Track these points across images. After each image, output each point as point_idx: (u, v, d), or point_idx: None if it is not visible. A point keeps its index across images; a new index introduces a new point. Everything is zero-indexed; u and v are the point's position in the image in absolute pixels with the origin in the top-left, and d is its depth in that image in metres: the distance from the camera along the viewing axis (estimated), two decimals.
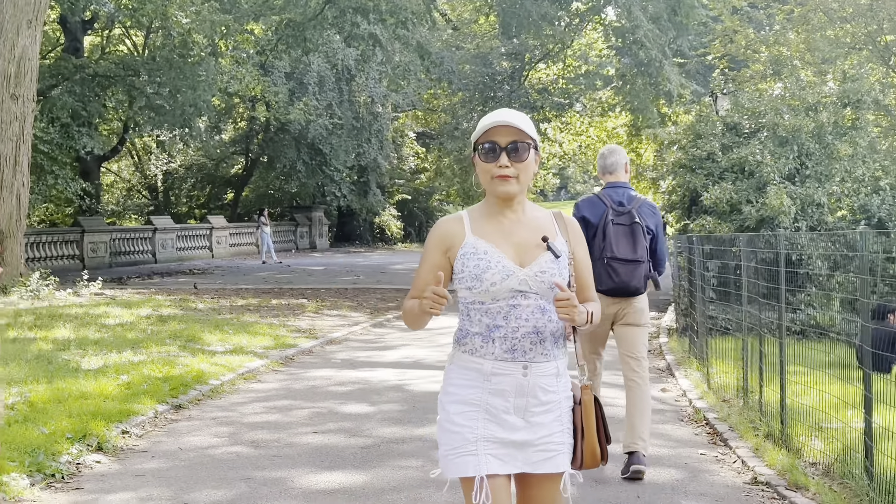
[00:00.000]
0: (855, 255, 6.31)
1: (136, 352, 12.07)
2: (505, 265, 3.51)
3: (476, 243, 3.56)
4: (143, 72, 32.84)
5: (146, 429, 8.48)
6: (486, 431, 3.51)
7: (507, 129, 3.54)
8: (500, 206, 3.61)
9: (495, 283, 3.49)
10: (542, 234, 3.58)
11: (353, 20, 32.92)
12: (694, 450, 7.93)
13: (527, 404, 3.52)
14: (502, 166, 3.52)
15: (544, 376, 3.54)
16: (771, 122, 17.23)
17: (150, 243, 36.33)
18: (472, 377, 3.54)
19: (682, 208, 18.68)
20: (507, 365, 3.51)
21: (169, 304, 18.52)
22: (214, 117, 42.49)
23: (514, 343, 3.51)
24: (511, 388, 3.51)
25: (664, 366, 12.67)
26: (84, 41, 39.00)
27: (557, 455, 3.56)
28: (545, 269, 3.52)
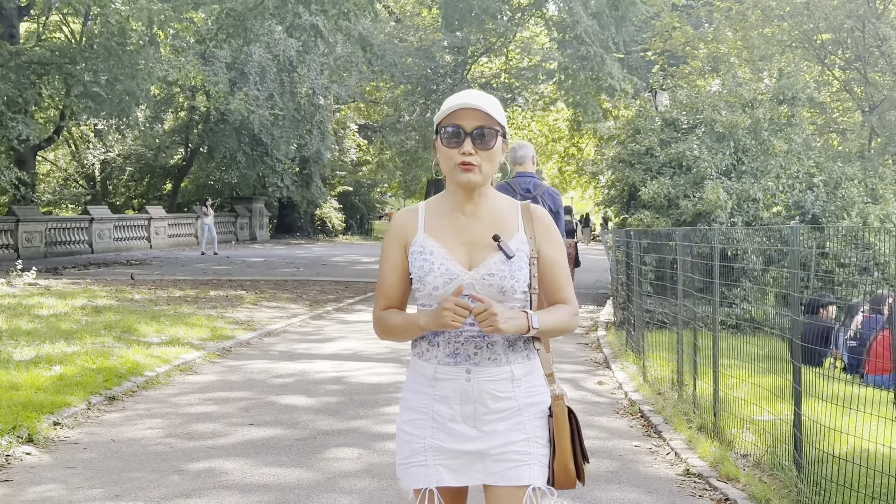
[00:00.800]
0: (788, 250, 6.39)
1: (69, 343, 11.91)
2: (449, 268, 3.23)
3: (424, 242, 3.30)
4: (80, 59, 32.34)
5: (79, 420, 8.38)
6: (434, 441, 3.27)
7: (474, 113, 3.22)
8: (460, 196, 3.30)
9: (437, 288, 3.22)
10: (496, 232, 3.26)
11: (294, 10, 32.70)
12: (628, 441, 8.00)
13: (475, 412, 3.24)
14: (466, 153, 3.20)
15: (493, 381, 3.23)
16: (708, 119, 17.41)
17: (86, 233, 35.86)
18: (420, 382, 3.32)
19: (620, 203, 18.83)
20: (449, 369, 3.24)
21: (105, 295, 18.30)
22: (154, 107, 42.02)
23: (456, 347, 3.23)
24: (455, 394, 3.24)
25: (601, 359, 12.77)
26: (20, 27, 38.36)
27: (521, 466, 3.23)
28: (494, 271, 3.21)
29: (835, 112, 24.24)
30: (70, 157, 52.36)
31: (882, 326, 9.87)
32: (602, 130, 20.03)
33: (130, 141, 48.35)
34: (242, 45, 35.37)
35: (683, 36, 21.80)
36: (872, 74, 22.09)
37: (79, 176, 52.16)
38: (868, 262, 15.16)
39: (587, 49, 37.10)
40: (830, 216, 16.11)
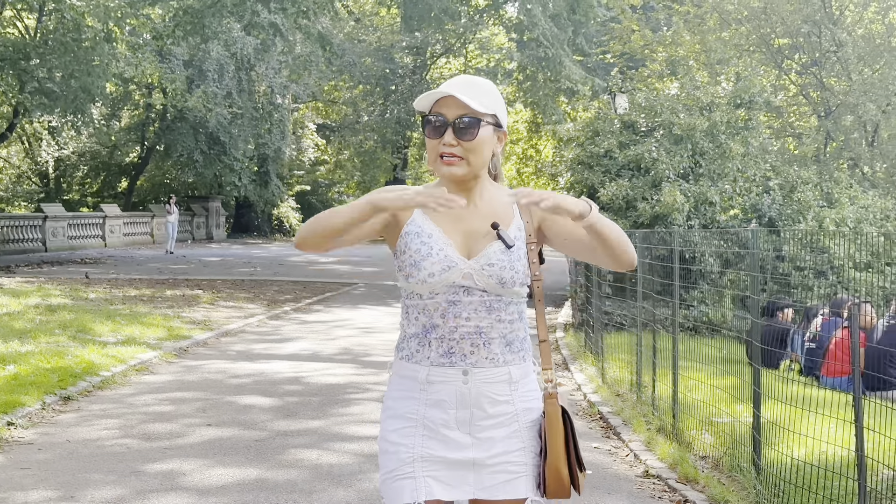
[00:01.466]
0: (746, 253, 6.43)
1: (23, 342, 11.75)
2: (448, 254, 2.98)
3: (423, 222, 3.04)
4: (34, 55, 31.96)
5: (33, 420, 8.26)
6: (425, 450, 2.99)
7: (454, 102, 2.98)
8: (452, 188, 3.04)
9: (433, 275, 2.96)
10: (494, 221, 3.03)
11: (253, 8, 32.52)
12: (587, 443, 8.01)
13: (471, 417, 2.99)
14: (448, 144, 2.96)
15: (492, 383, 2.97)
16: (667, 121, 17.51)
17: (40, 231, 35.41)
18: (409, 387, 3.03)
19: None
20: (444, 371, 2.98)
21: (59, 294, 18.09)
22: (109, 104, 41.62)
23: (451, 345, 2.98)
24: (451, 397, 2.98)
25: (559, 360, 12.80)
26: None
27: (517, 478, 3.00)
28: (494, 261, 2.98)
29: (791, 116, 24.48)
30: (23, 153, 51.74)
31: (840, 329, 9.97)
32: (561, 132, 20.06)
33: (85, 138, 47.84)
34: (200, 42, 35.16)
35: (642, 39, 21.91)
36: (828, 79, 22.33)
37: (32, 173, 51.55)
38: (824, 266, 15.35)
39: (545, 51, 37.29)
40: (787, 220, 16.26)
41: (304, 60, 40.62)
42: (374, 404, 9.34)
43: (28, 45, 32.83)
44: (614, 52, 23.15)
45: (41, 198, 46.13)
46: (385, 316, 17.51)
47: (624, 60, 23.02)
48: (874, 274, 14.17)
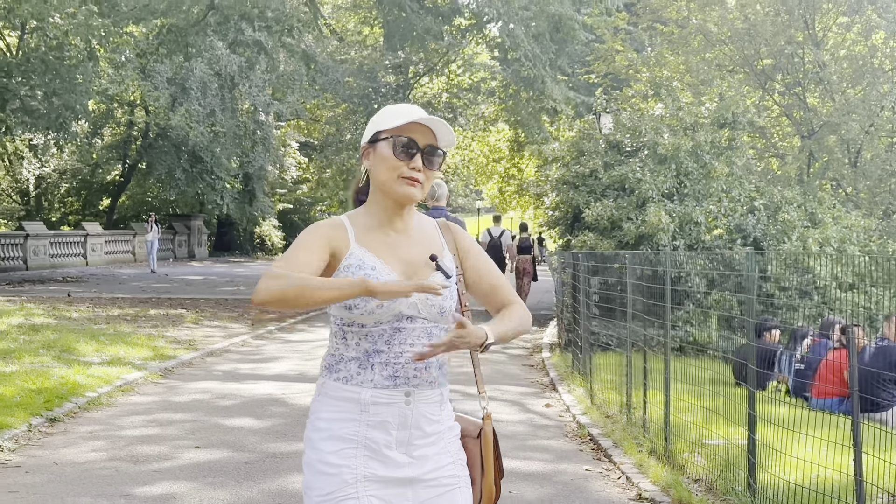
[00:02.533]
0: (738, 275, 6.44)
1: (6, 362, 11.65)
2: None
3: (363, 256, 3.08)
4: (16, 73, 31.84)
5: (20, 442, 8.18)
6: (367, 470, 3.04)
7: (427, 131, 3.11)
8: (390, 212, 3.14)
9: (381, 305, 3.00)
10: (431, 252, 3.15)
11: (237, 27, 32.53)
12: (578, 465, 7.99)
13: (410, 437, 3.08)
14: (415, 168, 3.06)
15: (428, 404, 3.10)
16: (651, 141, 17.57)
17: (21, 249, 35.20)
18: (348, 409, 3.07)
19: (564, 224, 18.91)
20: (388, 393, 3.05)
21: (41, 313, 17.96)
22: (92, 121, 41.46)
23: (396, 369, 3.05)
24: (394, 418, 3.06)
25: (547, 381, 12.77)
26: None
27: (452, 490, 3.13)
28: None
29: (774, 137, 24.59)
30: (3, 171, 51.50)
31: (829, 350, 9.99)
32: (546, 152, 20.09)
33: (67, 156, 47.67)
34: (184, 60, 35.10)
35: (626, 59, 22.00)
36: (811, 100, 22.45)
37: (12, 191, 51.28)
38: (808, 286, 15.39)
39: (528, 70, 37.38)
40: (771, 240, 16.30)
41: (287, 79, 40.57)
42: None
43: (10, 63, 32.71)
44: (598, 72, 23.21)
45: (22, 216, 45.90)
46: None
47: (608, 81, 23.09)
48: (859, 293, 14.22)
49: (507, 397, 11.39)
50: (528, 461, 8.09)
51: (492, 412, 3.24)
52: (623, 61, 22.09)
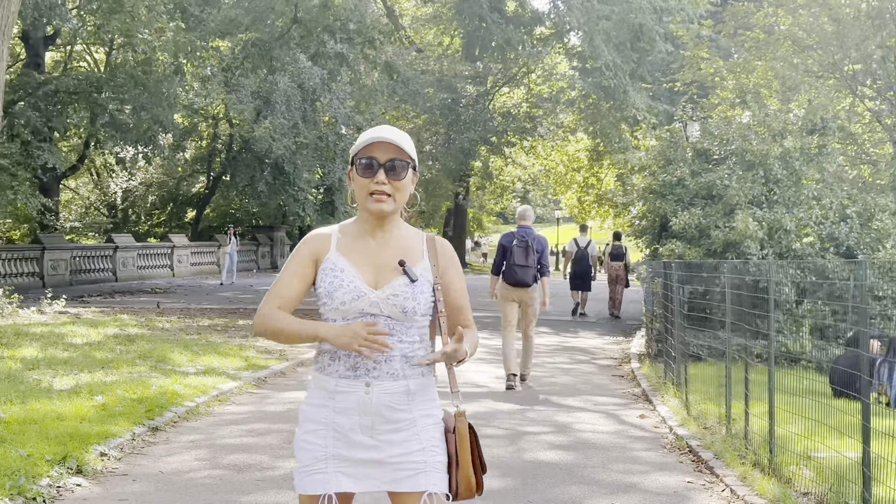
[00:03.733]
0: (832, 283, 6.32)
1: (107, 372, 11.87)
2: (357, 286, 3.49)
3: (336, 260, 3.55)
4: (105, 88, 32.52)
5: (125, 451, 8.32)
6: (335, 450, 3.48)
7: (387, 146, 3.50)
8: (371, 223, 3.58)
9: (345, 303, 3.48)
10: (402, 258, 3.54)
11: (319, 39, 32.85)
12: (680, 478, 7.90)
13: (372, 423, 3.47)
14: (379, 182, 3.48)
15: (391, 395, 3.47)
16: (739, 149, 17.36)
17: (110, 261, 35.90)
18: (321, 396, 3.53)
19: (651, 233, 18.76)
20: (349, 383, 3.48)
21: (134, 324, 18.28)
22: (177, 135, 42.15)
23: (356, 361, 3.47)
24: (354, 406, 3.47)
25: (639, 392, 12.65)
26: (45, 57, 38.66)
27: (418, 474, 3.47)
28: (398, 292, 3.49)
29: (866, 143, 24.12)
30: (92, 185, 52.58)
31: None
32: (632, 161, 19.96)
33: (153, 169, 48.53)
34: (267, 74, 35.55)
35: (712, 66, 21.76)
36: None
37: (101, 204, 52.33)
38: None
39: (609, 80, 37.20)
40: (865, 248, 15.98)
41: (369, 90, 40.86)
42: None
43: (100, 79, 33.41)
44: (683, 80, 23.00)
45: (109, 228, 46.77)
46: None
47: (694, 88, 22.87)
48: None
49: (599, 408, 11.32)
50: (627, 474, 8.02)
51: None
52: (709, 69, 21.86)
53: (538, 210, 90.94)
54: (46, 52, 38.91)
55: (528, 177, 60.44)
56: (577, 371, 14.65)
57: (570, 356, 16.45)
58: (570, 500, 7.12)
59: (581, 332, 20.62)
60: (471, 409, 10.88)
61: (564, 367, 15.01)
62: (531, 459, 8.42)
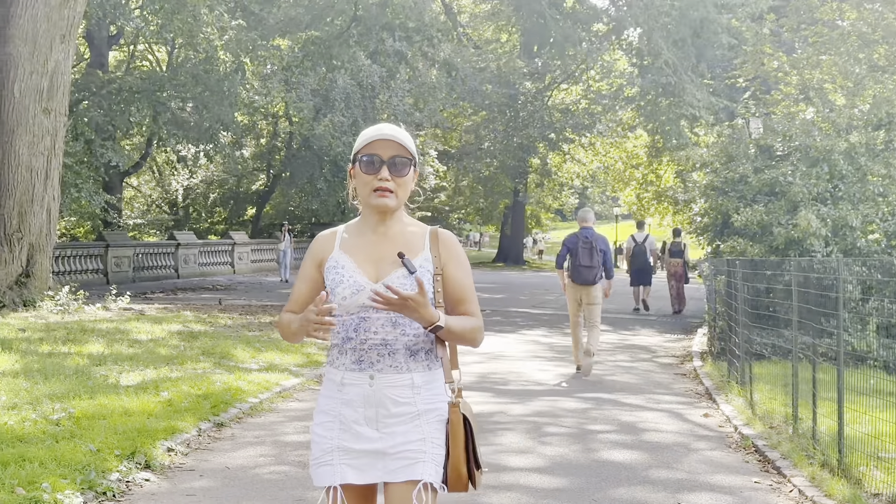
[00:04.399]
0: None
1: (171, 368, 12.00)
2: (357, 280, 3.55)
3: (339, 257, 3.63)
4: (167, 87, 32.92)
5: (191, 447, 8.42)
6: (341, 442, 3.54)
7: (389, 143, 3.59)
8: (374, 219, 3.66)
9: (346, 298, 3.54)
10: (401, 250, 3.57)
11: (378, 37, 33.00)
12: (746, 477, 7.82)
13: (377, 415, 3.53)
14: (382, 179, 3.56)
15: (395, 387, 3.53)
16: (803, 145, 17.15)
17: (172, 258, 36.30)
18: (331, 388, 3.61)
19: (713, 230, 18.60)
20: (355, 375, 3.54)
21: (197, 320, 18.47)
22: (238, 133, 42.51)
23: (361, 354, 3.53)
24: (359, 398, 3.53)
25: (702, 390, 12.53)
26: (109, 56, 39.22)
27: (416, 463, 3.51)
28: (396, 284, 3.50)
29: None
30: (154, 182, 53.25)
31: None
32: (694, 157, 19.80)
33: (213, 167, 49.02)
34: (327, 72, 35.77)
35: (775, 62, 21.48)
36: None
37: (163, 201, 52.98)
38: None
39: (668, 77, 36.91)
40: None
41: (427, 88, 40.93)
42: (519, 434, 9.30)
43: (162, 78, 33.83)
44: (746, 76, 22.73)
45: (171, 226, 47.34)
46: (515, 343, 17.47)
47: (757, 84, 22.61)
48: None
49: (662, 407, 11.24)
50: (692, 473, 7.96)
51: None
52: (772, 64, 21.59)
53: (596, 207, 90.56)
54: (110, 52, 39.50)
55: (587, 173, 60.11)
56: (639, 369, 14.56)
57: (631, 354, 16.35)
58: (636, 500, 7.08)
59: (641, 329, 20.49)
60: (534, 407, 10.88)
61: (626, 366, 14.93)
62: (595, 458, 8.38)
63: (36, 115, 19.35)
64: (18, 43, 19.12)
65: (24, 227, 19.51)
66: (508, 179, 51.14)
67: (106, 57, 38.02)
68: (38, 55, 19.23)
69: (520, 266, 53.36)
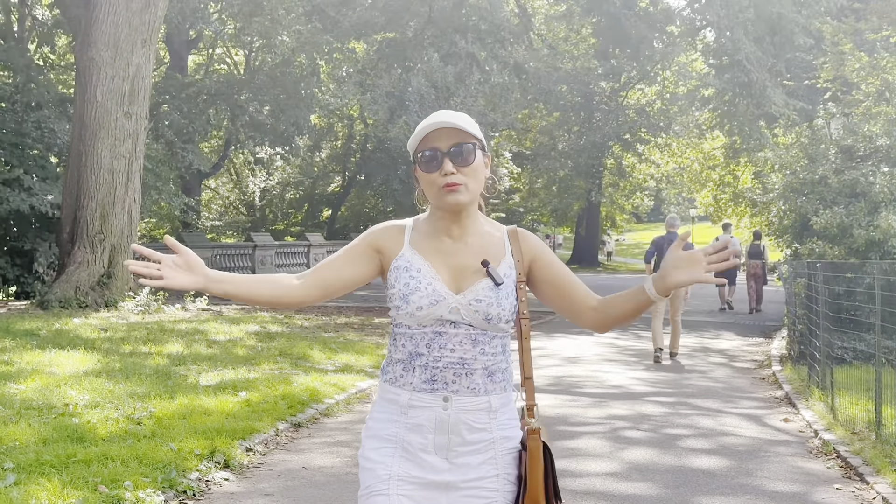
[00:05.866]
0: None
1: (249, 368, 12.16)
2: (436, 289, 3.07)
3: (412, 257, 3.13)
4: (245, 90, 33.35)
5: (269, 447, 8.51)
6: (402, 470, 3.06)
7: (447, 132, 3.08)
8: (447, 220, 3.15)
9: (422, 308, 3.05)
10: (485, 258, 3.12)
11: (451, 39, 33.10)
12: (828, 484, 7.69)
13: (449, 443, 3.07)
14: (447, 174, 3.05)
15: (471, 411, 3.06)
16: (885, 146, 16.83)
17: (249, 260, 36.71)
18: (391, 410, 3.12)
19: (792, 232, 18.33)
20: (425, 396, 3.06)
21: (274, 321, 18.68)
22: (314, 135, 42.90)
23: (434, 373, 3.06)
24: (430, 422, 3.06)
25: (781, 395, 12.34)
26: (188, 60, 39.84)
27: (488, 502, 3.07)
28: (481, 297, 3.07)
29: None
30: (232, 184, 53.93)
31: None
32: (772, 159, 19.52)
33: (290, 169, 49.52)
34: (401, 74, 35.94)
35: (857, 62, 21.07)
36: None
37: (240, 203, 53.63)
38: None
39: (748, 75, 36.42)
40: None
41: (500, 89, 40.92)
42: (597, 439, 9.25)
43: (240, 81, 34.28)
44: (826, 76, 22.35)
45: (248, 227, 47.89)
46: (589, 346, 17.37)
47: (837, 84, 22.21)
48: None
49: (741, 412, 11.09)
50: (773, 479, 7.84)
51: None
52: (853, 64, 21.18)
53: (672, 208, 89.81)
54: (189, 56, 40.12)
55: (661, 175, 59.62)
56: (717, 374, 14.39)
57: (709, 358, 16.16)
58: None
59: (719, 333, 20.25)
60: (611, 411, 10.81)
61: (704, 370, 14.77)
62: (675, 464, 8.30)
63: (118, 119, 19.74)
64: (101, 48, 19.52)
65: (106, 228, 19.90)
66: (583, 180, 50.89)
67: (185, 60, 38.61)
68: (119, 59, 19.62)
69: (594, 268, 53.08)
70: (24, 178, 23.35)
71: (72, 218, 19.99)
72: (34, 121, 25.61)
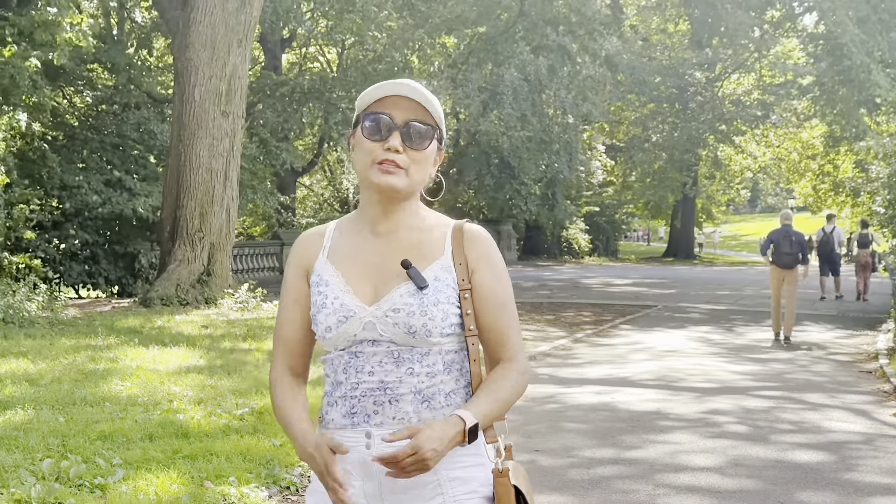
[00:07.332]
0: None
1: None
2: (344, 302, 2.50)
3: (324, 270, 2.59)
4: (338, 87, 33.64)
5: None
6: None
7: (408, 103, 2.52)
8: (376, 210, 2.59)
9: (330, 329, 2.50)
10: (411, 256, 2.55)
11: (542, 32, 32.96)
12: None
13: (380, 489, 2.47)
14: (391, 149, 2.49)
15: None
16: None
17: None
18: None
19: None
20: (346, 434, 2.48)
21: None
22: None
23: (353, 403, 2.49)
24: (354, 466, 2.48)
25: (889, 389, 12.01)
26: (282, 59, 40.32)
27: None
28: (399, 306, 2.47)
29: None
30: (325, 182, 54.44)
31: None
32: (877, 148, 19.06)
33: None
34: (492, 68, 35.91)
35: None
36: None
37: (333, 200, 54.11)
38: None
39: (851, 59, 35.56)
40: None
41: (593, 81, 40.64)
42: (698, 433, 9.11)
43: (332, 79, 34.59)
44: None
45: None
46: (686, 340, 17.11)
47: None
48: None
49: (847, 406, 10.82)
50: (882, 475, 7.63)
51: (512, 460, 2.53)
52: None
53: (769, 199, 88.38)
54: (283, 55, 40.59)
55: (758, 166, 58.64)
56: (821, 367, 14.08)
57: (812, 352, 15.82)
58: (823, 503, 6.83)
59: (822, 324, 19.81)
60: (712, 405, 10.63)
61: (806, 363, 14.46)
62: (779, 459, 8.12)
63: (215, 118, 20.04)
64: (198, 48, 19.85)
65: (206, 227, 20.23)
66: (677, 172, 50.28)
67: (279, 59, 39.06)
68: (216, 60, 19.92)
69: (690, 260, 52.43)
70: (125, 179, 23.91)
71: (172, 217, 20.38)
72: (134, 122, 26.19)
